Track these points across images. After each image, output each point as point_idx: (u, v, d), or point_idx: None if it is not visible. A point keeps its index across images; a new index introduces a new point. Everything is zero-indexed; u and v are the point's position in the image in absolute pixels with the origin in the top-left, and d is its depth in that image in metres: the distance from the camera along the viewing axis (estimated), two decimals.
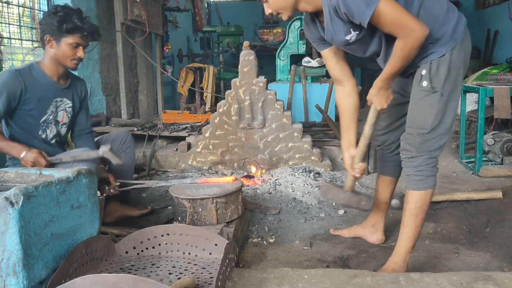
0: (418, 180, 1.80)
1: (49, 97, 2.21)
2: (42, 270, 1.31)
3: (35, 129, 2.20)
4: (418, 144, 1.78)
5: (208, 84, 6.15)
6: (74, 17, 2.13)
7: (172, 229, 1.68)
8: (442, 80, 1.71)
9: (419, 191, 1.80)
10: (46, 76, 2.19)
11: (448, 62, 1.69)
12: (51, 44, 2.14)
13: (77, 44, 2.15)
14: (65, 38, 2.12)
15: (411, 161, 1.81)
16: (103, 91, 4.81)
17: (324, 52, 1.96)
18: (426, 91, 1.73)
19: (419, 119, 1.77)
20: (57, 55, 2.15)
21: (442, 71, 1.70)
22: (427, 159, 1.79)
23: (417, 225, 1.82)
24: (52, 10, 2.14)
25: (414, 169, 1.81)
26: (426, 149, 1.78)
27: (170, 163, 3.62)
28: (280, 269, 1.61)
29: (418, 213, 1.81)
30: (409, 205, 1.82)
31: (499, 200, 2.61)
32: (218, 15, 10.87)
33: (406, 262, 1.84)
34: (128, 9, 4.51)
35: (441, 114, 1.74)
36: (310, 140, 3.34)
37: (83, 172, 1.52)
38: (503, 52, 7.31)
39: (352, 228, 2.34)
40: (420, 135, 1.77)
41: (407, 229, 1.83)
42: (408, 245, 1.83)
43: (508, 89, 3.28)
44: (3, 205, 1.19)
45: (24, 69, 2.15)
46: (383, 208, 2.21)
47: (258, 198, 2.76)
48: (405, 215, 1.84)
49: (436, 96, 1.72)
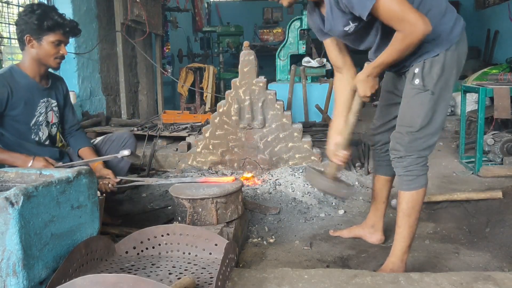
0: (408, 180, 1.80)
1: (34, 99, 2.17)
2: (42, 270, 1.31)
3: (27, 134, 2.17)
4: (407, 143, 1.78)
5: (208, 84, 6.15)
6: (53, 14, 2.06)
7: (172, 229, 1.68)
8: (434, 80, 1.71)
9: (410, 191, 1.81)
10: (28, 77, 2.14)
11: (441, 62, 1.69)
12: (32, 44, 2.08)
13: (59, 42, 2.10)
14: (46, 36, 2.06)
15: (400, 161, 1.81)
16: (103, 91, 4.82)
17: (326, 41, 1.96)
18: (418, 89, 1.73)
19: (409, 117, 1.77)
20: (39, 54, 2.09)
21: (435, 71, 1.70)
22: (416, 158, 1.79)
23: (411, 224, 1.82)
24: (29, 9, 2.07)
25: (403, 169, 1.81)
26: (415, 149, 1.78)
27: (170, 163, 3.62)
28: (280, 269, 1.61)
29: (411, 213, 1.81)
30: (401, 206, 1.83)
31: (499, 200, 2.61)
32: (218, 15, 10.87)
33: (404, 262, 1.84)
34: (128, 9, 4.52)
35: (431, 113, 1.74)
36: (310, 140, 3.34)
37: (83, 172, 1.52)
38: (503, 52, 7.31)
39: (351, 229, 2.35)
40: (409, 133, 1.77)
41: (401, 229, 1.83)
42: (403, 245, 1.84)
43: (508, 89, 3.28)
44: (3, 205, 1.19)
45: (5, 72, 2.10)
46: (381, 207, 2.21)
47: (258, 198, 2.76)
48: (399, 216, 1.84)
49: (427, 94, 1.72)
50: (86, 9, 4.47)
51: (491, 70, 5.45)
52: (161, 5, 5.56)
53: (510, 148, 3.48)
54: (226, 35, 7.63)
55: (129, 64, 5.21)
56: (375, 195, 2.22)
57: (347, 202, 2.84)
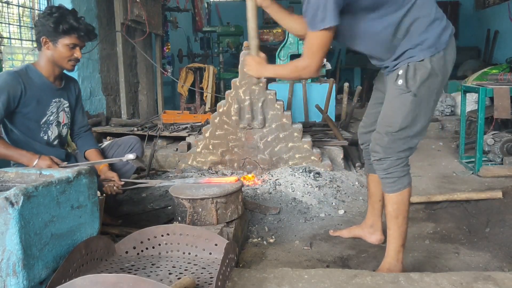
0: (391, 183, 1.81)
1: (47, 98, 2.20)
2: (42, 270, 1.31)
3: (36, 132, 2.19)
4: (385, 144, 1.78)
5: (208, 84, 6.15)
6: (69, 17, 2.10)
7: (172, 229, 1.68)
8: (417, 83, 1.70)
9: (394, 193, 1.81)
10: (43, 77, 2.18)
11: (427, 68, 1.68)
12: (48, 46, 2.12)
13: (74, 45, 2.13)
14: (61, 39, 2.10)
15: (379, 163, 1.81)
16: (103, 91, 4.82)
17: None
18: (400, 90, 1.72)
19: (389, 117, 1.77)
20: (54, 56, 2.14)
21: (419, 74, 1.69)
22: (395, 160, 1.79)
23: (400, 225, 1.83)
24: (47, 11, 2.12)
25: (384, 172, 1.81)
26: (394, 150, 1.77)
27: (170, 163, 3.62)
28: (280, 269, 1.61)
29: (397, 214, 1.82)
30: (387, 208, 1.84)
31: (499, 200, 2.61)
32: (218, 15, 10.87)
33: (400, 261, 1.85)
34: (128, 9, 4.51)
35: (412, 115, 1.73)
36: (310, 140, 3.34)
37: (83, 172, 1.52)
38: (503, 52, 7.31)
39: (351, 229, 2.35)
40: (388, 134, 1.77)
41: (391, 231, 1.85)
42: (396, 245, 1.84)
43: (508, 89, 3.28)
44: (3, 205, 1.19)
45: (21, 70, 2.13)
46: (377, 206, 2.21)
47: (258, 198, 2.76)
48: (387, 218, 1.85)
49: (409, 96, 1.71)
50: (86, 9, 4.47)
51: (491, 70, 5.45)
52: (161, 5, 5.56)
53: (510, 148, 3.48)
54: (226, 35, 7.63)
55: (129, 64, 5.21)
56: (370, 194, 2.23)
57: (347, 202, 2.84)
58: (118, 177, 2.28)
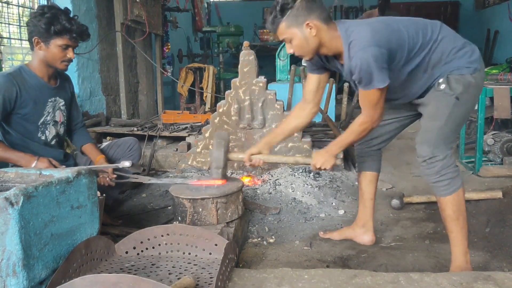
0: (445, 185, 1.82)
1: (43, 98, 2.18)
2: (42, 270, 1.31)
3: (34, 133, 2.18)
4: (434, 140, 1.80)
5: (208, 84, 6.14)
6: (62, 18, 2.06)
7: (172, 229, 1.68)
8: (460, 88, 1.76)
9: (451, 195, 1.82)
10: (37, 77, 2.15)
11: (469, 79, 1.76)
12: (40, 46, 2.08)
13: (67, 46, 2.10)
14: (54, 40, 2.06)
15: (431, 166, 1.82)
16: (103, 91, 4.81)
17: (311, 75, 2.08)
18: (444, 93, 1.78)
19: (434, 114, 1.82)
20: (47, 57, 2.11)
21: (461, 82, 1.76)
22: (445, 160, 1.80)
23: (462, 226, 1.84)
24: (39, 11, 2.07)
25: (437, 175, 1.82)
26: (443, 142, 1.81)
27: (170, 163, 3.61)
28: (280, 269, 1.61)
29: (458, 216, 1.83)
30: (446, 212, 1.84)
31: (499, 200, 2.61)
32: (218, 15, 10.86)
33: (468, 262, 1.86)
34: (128, 9, 4.51)
35: (453, 117, 1.79)
36: (310, 140, 3.34)
37: (83, 172, 1.52)
38: (503, 52, 7.31)
39: (342, 230, 2.33)
40: (435, 128, 1.81)
41: (454, 234, 1.85)
42: (462, 248, 1.85)
43: (508, 89, 3.28)
44: (3, 205, 1.19)
45: (15, 71, 2.11)
46: (369, 205, 2.21)
47: (258, 198, 2.76)
48: (447, 221, 1.86)
49: (452, 98, 1.77)
50: (86, 9, 4.47)
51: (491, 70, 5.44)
52: (161, 5, 5.55)
53: (510, 148, 3.47)
54: (226, 35, 7.62)
55: (129, 64, 5.21)
56: (362, 193, 2.23)
57: (347, 202, 2.84)
58: (112, 170, 2.28)
